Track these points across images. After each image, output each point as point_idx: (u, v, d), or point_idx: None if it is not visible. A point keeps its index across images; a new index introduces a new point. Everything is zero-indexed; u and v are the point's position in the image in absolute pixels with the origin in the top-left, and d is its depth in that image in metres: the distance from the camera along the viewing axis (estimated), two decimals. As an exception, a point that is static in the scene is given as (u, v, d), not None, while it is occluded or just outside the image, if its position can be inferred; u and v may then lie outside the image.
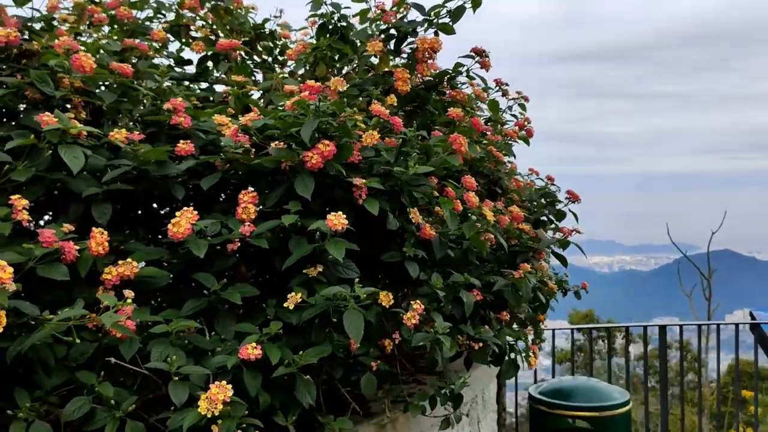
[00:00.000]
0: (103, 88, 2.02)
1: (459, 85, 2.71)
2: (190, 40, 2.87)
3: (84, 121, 1.82)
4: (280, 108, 1.99)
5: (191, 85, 2.58)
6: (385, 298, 1.94)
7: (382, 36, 2.41)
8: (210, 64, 2.83)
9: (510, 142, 4.25)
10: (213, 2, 2.81)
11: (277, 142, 1.83)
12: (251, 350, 1.52)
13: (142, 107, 2.08)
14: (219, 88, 2.77)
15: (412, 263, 1.97)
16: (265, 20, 2.95)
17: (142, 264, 1.69)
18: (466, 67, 2.71)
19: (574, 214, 4.61)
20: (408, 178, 1.86)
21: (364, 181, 1.80)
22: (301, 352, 1.64)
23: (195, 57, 2.94)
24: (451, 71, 2.60)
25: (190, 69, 2.81)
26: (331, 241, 1.66)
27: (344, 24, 2.42)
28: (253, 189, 1.82)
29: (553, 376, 5.17)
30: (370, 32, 2.45)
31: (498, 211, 2.61)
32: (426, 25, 2.43)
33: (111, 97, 1.88)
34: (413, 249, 1.98)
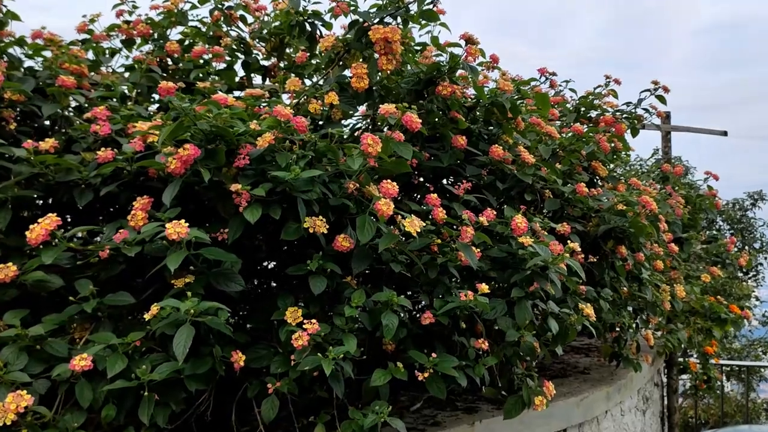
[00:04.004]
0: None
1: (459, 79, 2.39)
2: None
3: (16, 132, 1.96)
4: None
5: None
6: (291, 316, 1.79)
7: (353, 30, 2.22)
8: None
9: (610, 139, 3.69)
10: (228, 10, 2.87)
11: (168, 148, 1.78)
12: (78, 361, 1.49)
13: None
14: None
15: (317, 278, 1.78)
16: (285, 26, 2.91)
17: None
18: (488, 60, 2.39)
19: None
20: (297, 183, 1.68)
21: (240, 186, 1.66)
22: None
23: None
24: (443, 64, 2.30)
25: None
26: (174, 252, 1.56)
27: (312, 22, 2.29)
28: (148, 196, 1.79)
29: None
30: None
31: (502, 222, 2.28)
32: (401, 13, 2.18)
33: (50, 109, 1.99)
34: (319, 262, 1.78)
